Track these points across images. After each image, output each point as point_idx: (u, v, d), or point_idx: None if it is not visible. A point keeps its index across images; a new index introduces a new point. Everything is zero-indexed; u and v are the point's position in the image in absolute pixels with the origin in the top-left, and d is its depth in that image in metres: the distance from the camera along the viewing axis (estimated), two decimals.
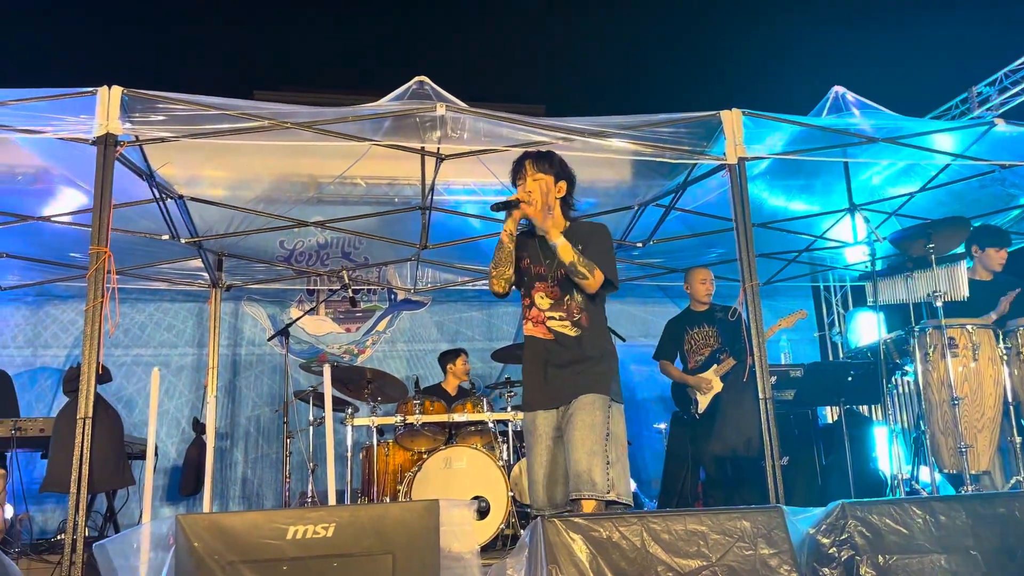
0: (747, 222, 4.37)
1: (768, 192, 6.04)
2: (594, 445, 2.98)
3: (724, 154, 4.52)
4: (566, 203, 3.26)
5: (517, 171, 3.23)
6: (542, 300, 3.21)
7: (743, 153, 4.49)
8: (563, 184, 3.23)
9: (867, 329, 7.13)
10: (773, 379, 5.06)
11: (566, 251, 3.08)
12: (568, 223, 3.25)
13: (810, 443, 5.74)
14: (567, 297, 3.18)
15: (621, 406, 3.20)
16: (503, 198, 3.20)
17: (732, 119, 4.52)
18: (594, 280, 3.10)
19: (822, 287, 8.25)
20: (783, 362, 7.23)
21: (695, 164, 5.10)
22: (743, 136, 4.50)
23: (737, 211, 4.40)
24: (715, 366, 5.39)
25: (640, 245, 6.43)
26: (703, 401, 5.37)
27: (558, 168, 3.23)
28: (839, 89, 5.14)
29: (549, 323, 3.18)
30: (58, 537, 4.88)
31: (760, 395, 4.14)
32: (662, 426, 6.30)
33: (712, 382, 5.36)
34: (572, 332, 3.17)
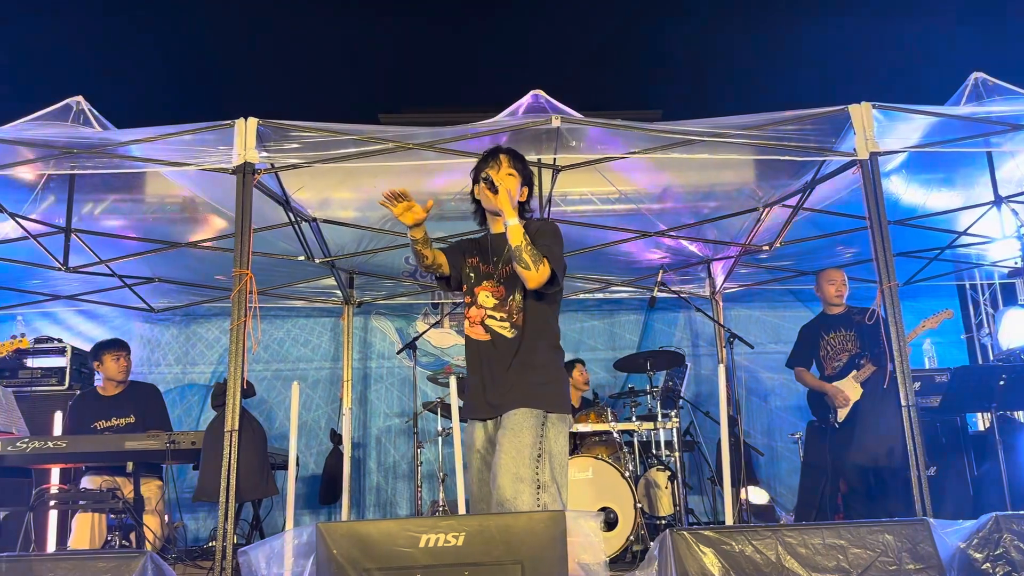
0: (882, 220, 4.19)
1: (904, 187, 5.74)
2: (520, 470, 2.80)
3: (854, 150, 4.35)
4: (523, 208, 3.23)
5: (490, 159, 3.20)
6: (487, 299, 3.10)
7: (875, 148, 4.32)
8: (525, 189, 3.23)
9: (1019, 329, 6.65)
10: (917, 385, 4.81)
11: (516, 233, 2.94)
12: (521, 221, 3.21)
13: (960, 452, 5.40)
14: (510, 297, 3.08)
15: (563, 416, 3.00)
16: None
17: (862, 113, 4.36)
18: (537, 274, 2.93)
19: (968, 286, 7.74)
20: (927, 366, 6.83)
21: (823, 162, 4.92)
22: (874, 130, 4.32)
23: (871, 208, 4.22)
24: (854, 372, 5.14)
25: (767, 248, 6.23)
26: (842, 410, 5.13)
27: (527, 173, 3.24)
28: (978, 75, 4.85)
29: (488, 322, 3.07)
30: (210, 544, 5.17)
31: (902, 402, 3.94)
32: (798, 435, 6.07)
33: (850, 392, 5.12)
34: (509, 333, 3.04)
